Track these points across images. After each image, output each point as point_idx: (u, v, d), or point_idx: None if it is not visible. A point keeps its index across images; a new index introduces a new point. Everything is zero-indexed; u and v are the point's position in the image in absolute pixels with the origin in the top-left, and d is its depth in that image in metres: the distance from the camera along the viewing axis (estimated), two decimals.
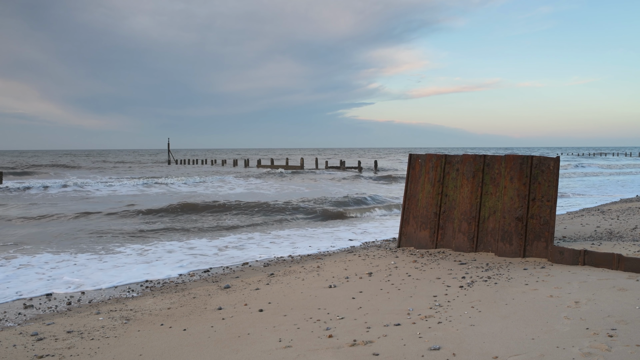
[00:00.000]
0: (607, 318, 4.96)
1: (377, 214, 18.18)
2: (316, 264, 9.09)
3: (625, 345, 4.20)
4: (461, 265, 8.05)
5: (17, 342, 5.20)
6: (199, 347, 4.84)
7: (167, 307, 6.54)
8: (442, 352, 4.27)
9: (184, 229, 14.82)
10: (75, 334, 5.44)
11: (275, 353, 4.52)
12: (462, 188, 9.37)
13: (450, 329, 4.90)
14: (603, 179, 36.72)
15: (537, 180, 8.72)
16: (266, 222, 16.24)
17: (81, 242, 12.36)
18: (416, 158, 10.04)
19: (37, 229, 14.79)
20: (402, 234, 10.05)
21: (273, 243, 12.33)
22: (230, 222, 16.09)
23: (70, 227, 14.97)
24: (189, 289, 7.64)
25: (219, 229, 14.88)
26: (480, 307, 5.61)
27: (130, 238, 13.09)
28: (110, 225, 15.29)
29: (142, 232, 14.14)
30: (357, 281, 7.36)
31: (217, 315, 5.98)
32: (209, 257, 10.57)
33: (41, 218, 16.96)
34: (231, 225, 15.55)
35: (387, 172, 47.48)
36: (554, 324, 4.87)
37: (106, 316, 6.18)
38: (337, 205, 19.75)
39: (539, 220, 8.59)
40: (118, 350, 4.90)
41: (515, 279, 6.99)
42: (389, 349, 4.41)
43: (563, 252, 8.00)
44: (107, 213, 17.93)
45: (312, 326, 5.27)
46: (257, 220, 16.46)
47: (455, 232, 9.34)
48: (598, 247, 9.00)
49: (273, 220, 16.62)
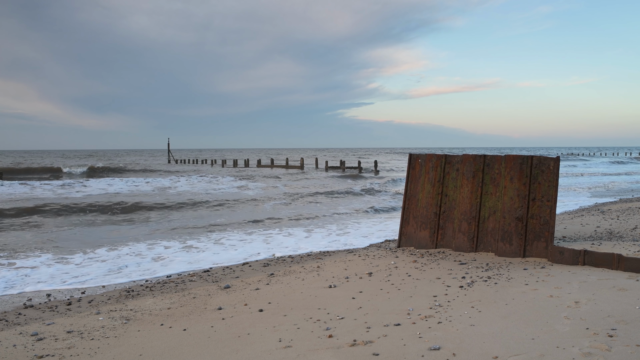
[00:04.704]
0: (607, 318, 4.96)
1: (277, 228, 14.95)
2: (316, 264, 9.09)
3: (625, 345, 4.20)
4: (461, 265, 8.05)
5: (17, 342, 5.20)
6: (199, 347, 4.84)
7: (167, 307, 6.53)
8: (442, 352, 4.27)
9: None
10: (75, 334, 5.44)
11: (275, 353, 4.52)
12: (462, 188, 9.37)
13: (450, 329, 4.90)
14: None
15: (537, 180, 8.71)
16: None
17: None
18: (416, 158, 10.03)
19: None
20: (402, 234, 10.04)
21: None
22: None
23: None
24: (189, 289, 7.63)
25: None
26: (480, 307, 5.61)
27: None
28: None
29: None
30: (357, 281, 7.36)
31: (217, 315, 5.97)
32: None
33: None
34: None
35: (388, 172, 47.49)
36: (554, 324, 4.87)
37: (106, 316, 6.18)
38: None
39: (539, 220, 8.59)
40: (118, 350, 4.90)
41: (515, 279, 6.99)
42: (389, 349, 4.41)
43: (563, 252, 8.00)
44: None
45: (312, 326, 5.27)
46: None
47: (455, 232, 9.34)
48: (598, 247, 9.00)
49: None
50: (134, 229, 15.03)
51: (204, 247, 11.77)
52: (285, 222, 16.12)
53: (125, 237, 13.28)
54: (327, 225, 15.26)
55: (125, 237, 13.42)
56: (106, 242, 12.39)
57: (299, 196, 24.48)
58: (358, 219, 16.91)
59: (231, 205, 21.09)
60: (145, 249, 11.45)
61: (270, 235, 13.45)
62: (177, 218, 17.49)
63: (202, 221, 16.51)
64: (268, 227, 14.97)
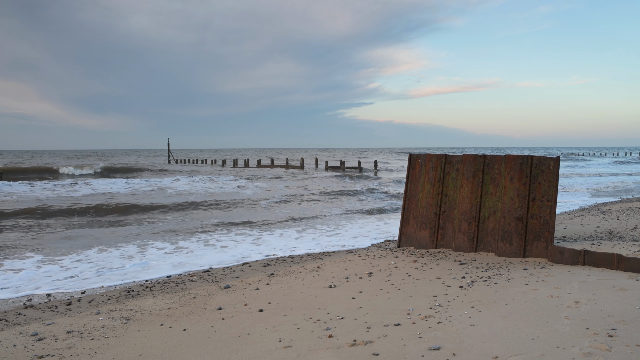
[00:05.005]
0: (607, 318, 4.96)
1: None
2: (316, 264, 9.09)
3: (625, 345, 4.20)
4: (461, 265, 8.05)
5: (17, 342, 5.20)
6: (199, 347, 4.84)
7: (167, 307, 6.53)
8: (442, 352, 4.27)
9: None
10: (75, 334, 5.44)
11: (275, 353, 4.52)
12: (462, 188, 9.37)
13: (450, 329, 4.90)
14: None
15: (537, 180, 8.72)
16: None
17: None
18: (416, 158, 10.04)
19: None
20: (402, 234, 10.04)
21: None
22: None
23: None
24: (189, 289, 7.63)
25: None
26: (480, 307, 5.61)
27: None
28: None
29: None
30: (357, 281, 7.36)
31: (217, 315, 5.97)
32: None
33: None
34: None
35: (388, 172, 47.50)
36: (554, 324, 4.87)
37: (106, 316, 6.18)
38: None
39: (539, 220, 8.59)
40: (118, 350, 4.90)
41: (515, 279, 6.99)
42: (389, 349, 4.41)
43: (563, 252, 8.00)
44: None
45: (312, 326, 5.27)
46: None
47: (455, 232, 9.34)
48: (598, 247, 9.00)
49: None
50: (123, 230, 14.84)
51: (195, 247, 11.69)
52: (277, 224, 15.93)
53: (112, 239, 13.23)
54: (318, 226, 15.19)
55: (112, 239, 13.36)
56: (96, 244, 12.24)
57: (297, 196, 24.47)
58: (350, 220, 16.85)
59: (228, 206, 21.03)
60: (114, 253, 11.36)
61: (262, 235, 13.45)
62: (171, 218, 17.32)
63: (193, 223, 16.24)
64: (261, 228, 14.92)
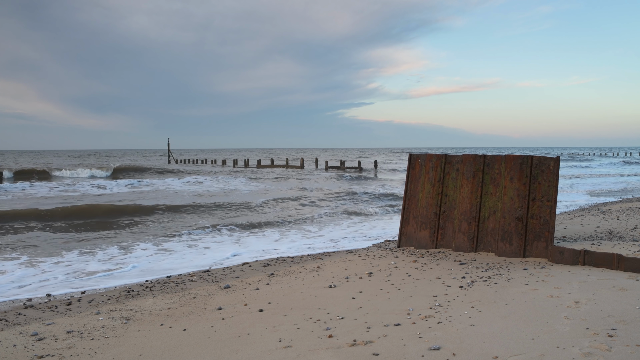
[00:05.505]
0: (607, 318, 4.96)
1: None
2: (316, 264, 9.09)
3: (625, 345, 4.20)
4: (461, 265, 8.05)
5: (17, 342, 5.20)
6: (199, 347, 4.84)
7: (167, 307, 6.53)
8: (442, 352, 4.27)
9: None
10: (75, 334, 5.44)
11: (275, 353, 4.52)
12: (462, 188, 9.37)
13: (450, 329, 4.90)
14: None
15: (537, 180, 8.71)
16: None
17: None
18: (416, 158, 10.03)
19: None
20: (402, 234, 10.04)
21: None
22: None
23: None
24: (189, 289, 7.63)
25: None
26: (480, 307, 5.61)
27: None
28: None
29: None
30: (357, 281, 7.36)
31: (217, 315, 5.97)
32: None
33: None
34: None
35: (388, 172, 47.47)
36: (554, 324, 4.87)
37: (106, 316, 6.18)
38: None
39: (539, 220, 8.59)
40: (118, 350, 4.90)
41: (515, 279, 6.99)
42: (389, 349, 4.41)
43: (563, 252, 8.00)
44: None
45: (312, 326, 5.27)
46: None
47: (455, 232, 9.34)
48: (598, 247, 9.00)
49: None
50: (108, 232, 14.77)
51: (178, 249, 11.65)
52: (266, 225, 15.77)
53: (112, 240, 13.26)
54: (304, 227, 15.23)
55: (112, 239, 13.39)
56: (78, 246, 12.14)
57: (296, 197, 24.46)
58: (337, 220, 16.99)
59: (226, 206, 20.99)
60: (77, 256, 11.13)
61: (261, 235, 13.45)
62: (151, 222, 17.24)
63: (181, 224, 16.03)
64: (261, 229, 14.93)
